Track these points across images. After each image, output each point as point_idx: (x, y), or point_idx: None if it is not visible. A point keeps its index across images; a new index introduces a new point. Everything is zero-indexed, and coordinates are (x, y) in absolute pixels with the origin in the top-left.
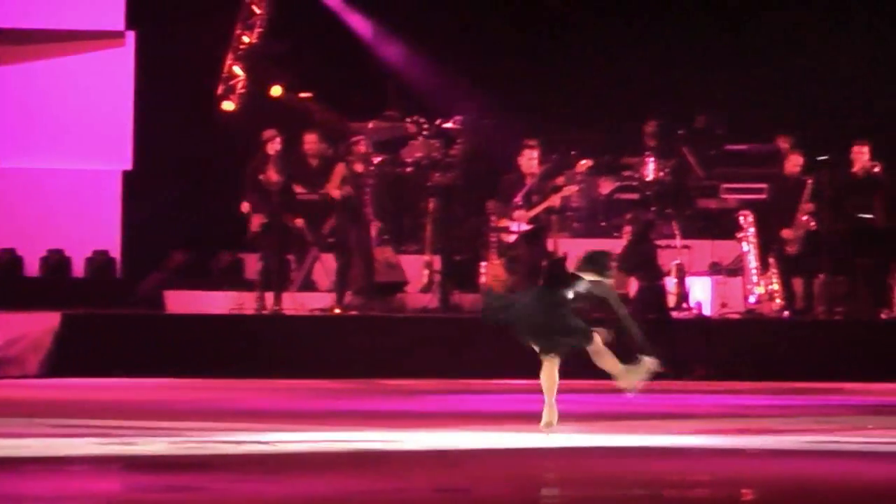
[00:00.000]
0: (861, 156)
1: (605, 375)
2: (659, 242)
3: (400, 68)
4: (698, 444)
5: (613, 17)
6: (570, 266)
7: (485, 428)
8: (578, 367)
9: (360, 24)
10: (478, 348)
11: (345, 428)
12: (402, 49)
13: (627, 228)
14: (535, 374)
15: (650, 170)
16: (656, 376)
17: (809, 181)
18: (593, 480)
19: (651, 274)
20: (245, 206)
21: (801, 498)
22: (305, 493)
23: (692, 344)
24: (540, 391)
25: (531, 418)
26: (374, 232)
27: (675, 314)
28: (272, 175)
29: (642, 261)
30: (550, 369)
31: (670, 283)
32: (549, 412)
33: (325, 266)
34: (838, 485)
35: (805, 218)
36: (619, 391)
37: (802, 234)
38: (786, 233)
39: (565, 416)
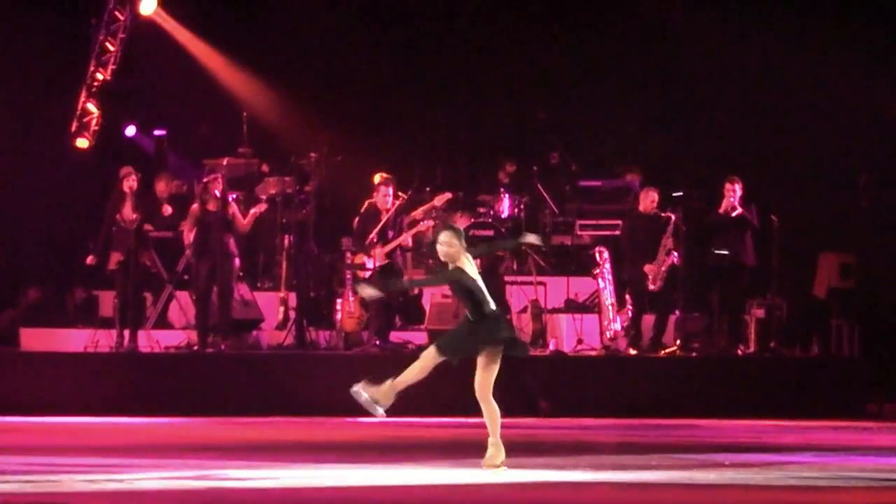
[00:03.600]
0: (732, 193)
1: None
2: (512, 278)
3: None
4: (552, 479)
5: (470, 51)
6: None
7: (344, 464)
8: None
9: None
10: (334, 386)
11: (204, 464)
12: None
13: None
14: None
15: (505, 206)
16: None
17: (673, 217)
18: None
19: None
20: (90, 259)
21: None
22: None
23: (543, 380)
24: (396, 429)
25: (393, 453)
26: (230, 269)
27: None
28: (127, 213)
29: (491, 295)
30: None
31: (525, 319)
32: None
33: (181, 304)
34: None
35: (666, 254)
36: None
37: (665, 270)
38: (648, 268)
39: (417, 448)
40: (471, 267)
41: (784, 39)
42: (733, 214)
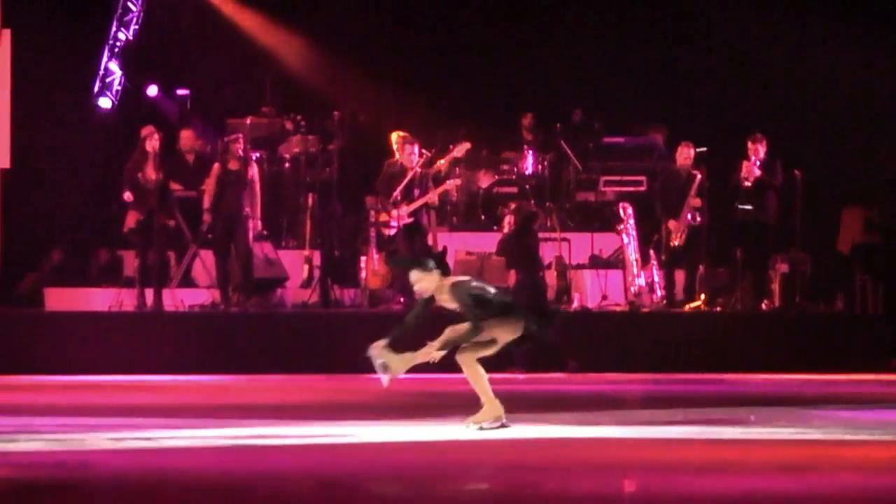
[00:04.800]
0: (754, 153)
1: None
2: (540, 235)
3: None
4: (576, 435)
5: (491, 11)
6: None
7: (368, 422)
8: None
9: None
10: (359, 344)
11: (228, 423)
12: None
13: (509, 219)
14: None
15: (529, 163)
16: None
17: (697, 175)
18: (469, 474)
19: (532, 267)
20: (128, 196)
21: (681, 489)
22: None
23: (571, 337)
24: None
25: (415, 411)
26: (253, 228)
27: (555, 307)
28: (150, 173)
29: (524, 253)
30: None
31: (550, 276)
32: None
33: (204, 263)
34: (716, 472)
35: (690, 214)
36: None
37: (687, 227)
38: (672, 224)
39: (439, 407)
40: (450, 291)
41: None
42: (752, 179)
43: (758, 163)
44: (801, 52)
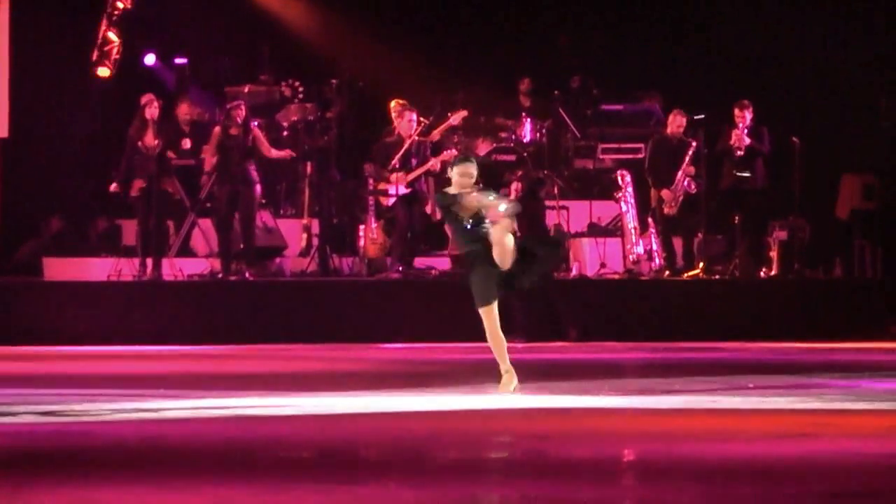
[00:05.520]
0: (741, 120)
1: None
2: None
3: None
4: (578, 405)
5: None
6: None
7: (366, 391)
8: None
9: None
10: (357, 312)
11: (223, 393)
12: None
13: (516, 186)
14: (413, 337)
15: (527, 131)
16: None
17: (692, 142)
18: (467, 441)
19: (537, 233)
20: (113, 186)
21: (680, 457)
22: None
23: (570, 304)
24: (418, 354)
25: (414, 380)
26: (252, 196)
27: (554, 274)
28: (149, 140)
29: (529, 219)
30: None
31: None
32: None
33: (203, 231)
34: (715, 440)
35: (687, 181)
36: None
37: (681, 195)
38: (665, 193)
39: (438, 375)
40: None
41: None
42: (743, 146)
43: (746, 130)
44: (799, 18)
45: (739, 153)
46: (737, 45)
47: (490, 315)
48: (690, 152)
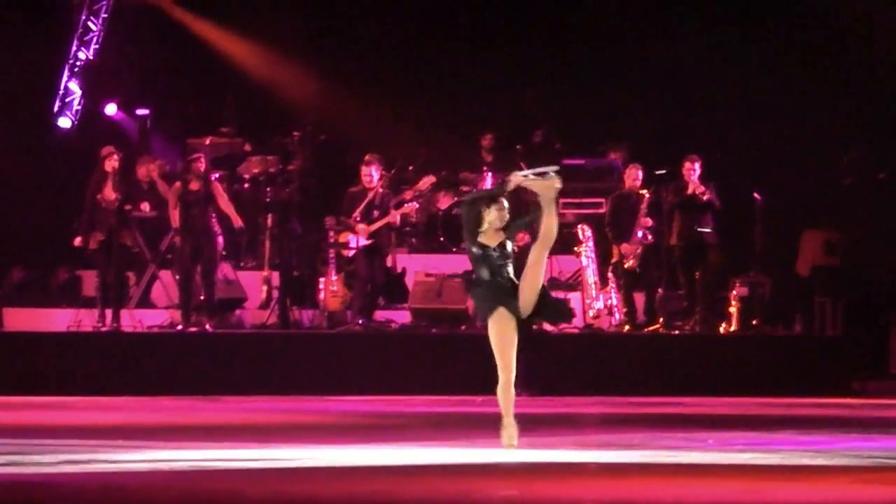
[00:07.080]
0: (692, 172)
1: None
2: None
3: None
4: (536, 460)
5: (451, 31)
6: None
7: (326, 444)
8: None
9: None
10: (318, 365)
11: (183, 445)
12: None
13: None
14: (373, 390)
15: (487, 184)
16: None
17: (647, 195)
18: (427, 497)
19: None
20: (77, 241)
21: None
22: None
23: (526, 366)
24: (379, 406)
25: (374, 433)
26: (213, 248)
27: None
28: (108, 193)
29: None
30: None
31: None
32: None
33: (164, 283)
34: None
35: (641, 233)
36: None
37: (640, 249)
38: (624, 248)
39: (398, 428)
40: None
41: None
42: (701, 196)
43: (697, 181)
44: (763, 74)
45: (706, 197)
46: (700, 101)
47: (495, 323)
48: (644, 206)
